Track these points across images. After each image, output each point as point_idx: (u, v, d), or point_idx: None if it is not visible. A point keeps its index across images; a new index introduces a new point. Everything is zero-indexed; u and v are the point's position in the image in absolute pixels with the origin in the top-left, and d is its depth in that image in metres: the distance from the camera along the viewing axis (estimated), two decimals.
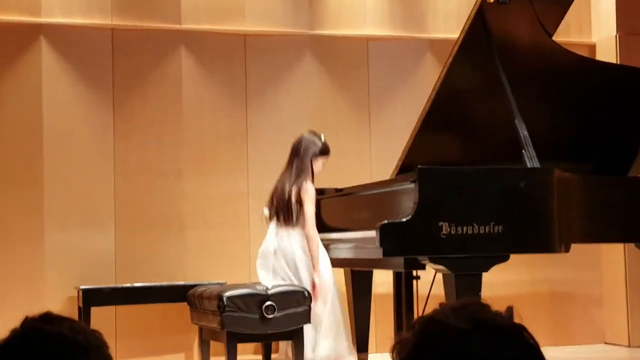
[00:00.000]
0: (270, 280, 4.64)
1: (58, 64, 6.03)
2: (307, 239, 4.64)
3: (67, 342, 1.14)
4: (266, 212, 4.78)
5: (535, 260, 6.44)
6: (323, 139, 4.82)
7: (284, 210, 4.67)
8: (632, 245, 5.78)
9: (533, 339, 1.18)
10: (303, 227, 4.68)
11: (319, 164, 4.81)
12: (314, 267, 4.62)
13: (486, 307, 1.21)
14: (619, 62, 6.42)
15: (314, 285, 4.66)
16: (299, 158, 4.75)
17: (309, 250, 4.66)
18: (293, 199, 4.64)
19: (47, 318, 1.19)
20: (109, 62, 6.11)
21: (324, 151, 4.82)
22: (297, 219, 4.66)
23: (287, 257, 4.67)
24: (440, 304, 1.24)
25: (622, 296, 6.56)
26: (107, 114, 6.09)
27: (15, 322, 1.24)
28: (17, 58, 5.97)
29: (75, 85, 6.05)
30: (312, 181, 4.78)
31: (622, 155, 5.32)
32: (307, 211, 4.63)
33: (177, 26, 6.23)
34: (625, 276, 6.52)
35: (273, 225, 4.75)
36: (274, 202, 4.73)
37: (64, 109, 6.01)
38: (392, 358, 1.19)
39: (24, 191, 5.89)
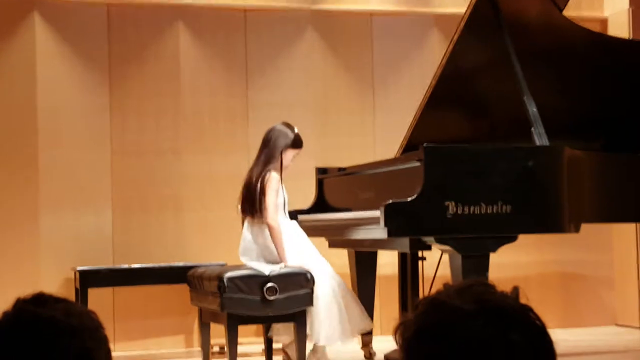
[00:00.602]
0: (264, 265, 4.53)
1: (52, 41, 5.91)
2: (268, 229, 4.51)
3: (59, 327, 1.10)
4: (239, 208, 4.67)
5: (545, 240, 6.35)
6: (296, 131, 4.70)
7: (251, 204, 4.56)
8: None
9: (539, 319, 1.15)
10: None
11: (288, 157, 4.68)
12: (280, 258, 4.51)
13: (491, 287, 1.18)
14: (631, 37, 6.27)
15: None
16: (268, 149, 4.64)
17: (272, 240, 4.53)
18: (258, 190, 4.52)
19: (40, 300, 1.15)
20: (104, 38, 5.99)
21: (296, 144, 4.69)
22: (266, 212, 4.55)
23: (266, 252, 4.57)
24: (444, 285, 1.20)
25: (634, 277, 6.46)
26: (103, 92, 5.97)
27: (10, 304, 1.20)
28: (10, 35, 5.85)
29: (70, 63, 5.93)
30: (281, 173, 4.65)
31: (634, 133, 5.20)
32: (266, 200, 4.51)
33: (175, 1, 6.09)
34: (637, 257, 6.42)
35: (247, 221, 4.65)
36: (244, 196, 4.62)
37: (59, 87, 5.90)
38: (395, 339, 1.17)
39: (18, 172, 5.80)
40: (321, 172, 5.34)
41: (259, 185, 4.55)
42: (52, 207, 5.81)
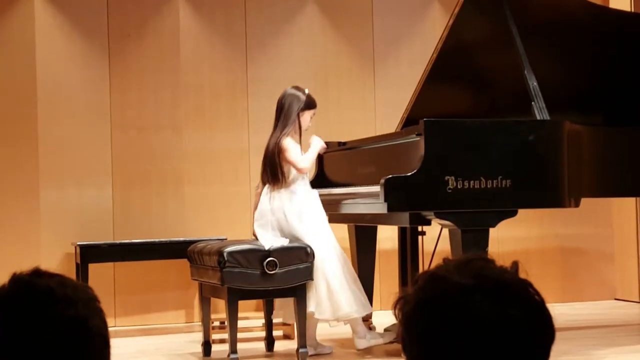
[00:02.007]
0: (269, 237, 4.53)
1: (51, 15, 5.87)
2: (299, 166, 4.55)
3: (55, 295, 1.12)
4: (260, 179, 4.69)
5: (545, 215, 6.36)
6: (307, 92, 4.68)
7: (271, 171, 4.57)
8: None
9: (539, 294, 1.15)
10: (290, 185, 4.57)
11: (306, 118, 4.67)
12: (313, 151, 4.64)
13: (491, 262, 1.17)
14: (633, 10, 6.23)
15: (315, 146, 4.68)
16: (284, 115, 4.62)
17: (313, 161, 4.64)
18: (276, 156, 4.53)
19: (36, 273, 1.17)
20: (104, 13, 5.96)
21: (310, 104, 4.67)
22: (284, 178, 4.55)
23: (278, 215, 4.58)
24: (444, 260, 1.20)
25: (634, 252, 6.47)
26: (103, 68, 5.95)
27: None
28: (10, 9, 5.82)
29: (70, 39, 5.90)
30: (300, 137, 4.65)
31: (635, 107, 5.18)
32: (288, 158, 4.53)
33: None
34: (637, 231, 6.42)
35: (266, 188, 4.65)
36: (265, 163, 4.63)
37: (58, 62, 5.87)
38: (395, 314, 1.17)
39: (18, 148, 5.79)
40: None
41: (276, 151, 4.56)
42: (52, 183, 5.81)
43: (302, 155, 4.62)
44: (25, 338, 1.09)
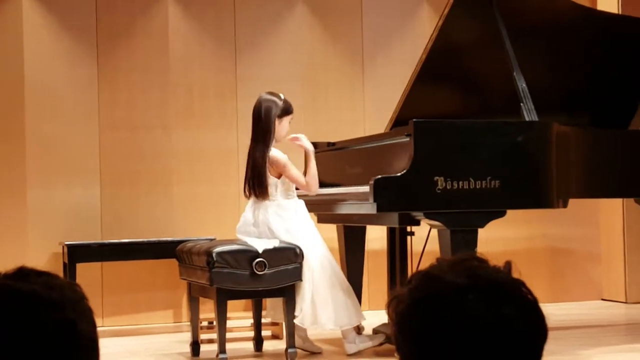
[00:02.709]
0: (255, 240, 4.52)
1: (39, 13, 5.85)
2: (308, 189, 4.55)
3: (41, 301, 1.08)
4: (245, 190, 4.64)
5: (533, 215, 6.38)
6: (283, 97, 4.63)
7: (258, 184, 4.53)
8: (631, 201, 5.70)
9: (531, 294, 1.16)
10: (276, 197, 4.54)
11: (284, 125, 4.62)
12: (312, 163, 4.62)
13: (484, 262, 1.18)
14: (620, 12, 6.26)
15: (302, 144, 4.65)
16: (262, 123, 4.57)
17: (315, 178, 4.60)
18: (266, 170, 4.49)
19: (21, 274, 1.12)
20: (92, 12, 5.94)
21: (287, 110, 4.62)
22: (271, 191, 4.52)
23: (262, 229, 4.56)
24: (438, 259, 1.21)
25: (620, 252, 6.50)
26: (91, 66, 5.93)
27: None
28: None
29: (58, 37, 5.88)
30: (279, 141, 4.62)
31: (623, 108, 5.22)
32: (290, 177, 4.50)
33: None
34: (624, 232, 6.46)
35: (251, 200, 4.62)
36: (249, 175, 4.58)
37: (46, 61, 5.85)
38: (388, 313, 1.18)
39: (5, 146, 5.77)
40: None
41: (266, 165, 4.51)
42: (40, 182, 5.79)
43: (298, 171, 4.59)
44: (11, 346, 1.05)
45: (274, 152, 4.54)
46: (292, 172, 4.52)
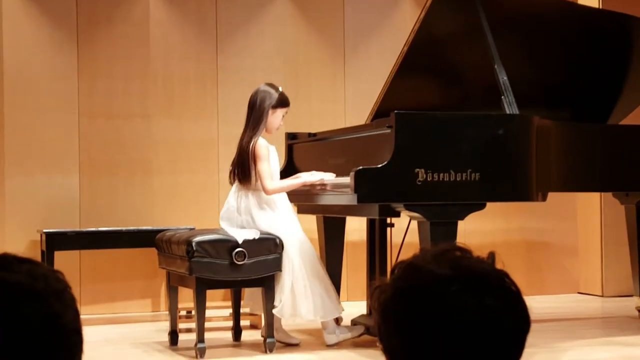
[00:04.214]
0: (237, 230, 4.51)
1: (19, 1, 5.79)
2: (267, 194, 4.50)
3: (25, 292, 1.06)
4: (230, 176, 4.63)
5: (511, 208, 6.42)
6: (280, 90, 4.65)
7: (242, 171, 4.53)
8: (609, 195, 5.75)
9: (515, 285, 1.16)
10: (259, 188, 4.53)
11: (278, 116, 4.63)
12: (296, 184, 4.53)
13: (468, 252, 1.18)
14: (601, 7, 6.29)
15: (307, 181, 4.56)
16: (254, 112, 4.58)
17: (283, 192, 4.55)
18: (249, 157, 4.49)
19: (4, 261, 1.10)
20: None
21: (282, 102, 4.63)
22: (254, 179, 4.51)
23: (245, 217, 4.55)
24: (421, 249, 1.20)
25: (597, 246, 6.55)
26: (71, 54, 5.88)
27: None
28: None
29: (38, 25, 5.83)
30: (271, 132, 4.63)
31: (603, 103, 5.25)
32: (258, 170, 4.48)
33: None
34: (601, 226, 6.50)
35: (235, 186, 4.62)
36: (236, 161, 4.58)
37: (26, 49, 5.80)
38: (371, 303, 1.20)
39: None
40: (291, 137, 5.32)
41: (249, 152, 4.51)
42: (18, 169, 5.74)
43: (273, 174, 4.54)
44: None
45: (259, 141, 4.54)
46: (261, 167, 4.49)
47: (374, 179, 3.98)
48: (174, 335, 4.70)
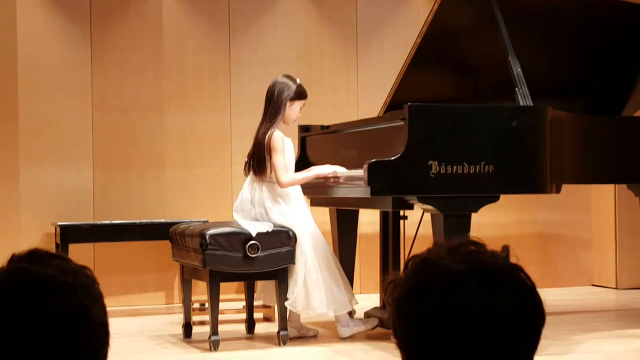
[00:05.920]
0: (250, 223, 4.51)
1: None
2: (279, 184, 4.49)
3: (54, 285, 1.10)
4: (245, 167, 4.62)
5: (524, 201, 6.39)
6: (298, 82, 4.63)
7: (257, 162, 4.52)
8: (622, 187, 5.71)
9: (529, 279, 1.16)
10: (275, 180, 4.53)
11: (295, 109, 4.61)
12: (309, 177, 4.52)
13: (482, 246, 1.17)
14: None
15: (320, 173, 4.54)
16: (272, 104, 4.56)
17: (297, 184, 4.55)
18: (264, 149, 4.48)
19: (35, 256, 1.14)
20: None
21: (300, 94, 4.61)
22: (269, 171, 4.51)
23: (259, 209, 4.55)
24: (435, 243, 1.20)
25: (611, 238, 6.52)
26: (85, 47, 5.90)
27: (4, 260, 1.19)
28: None
29: (52, 17, 5.84)
30: (288, 124, 4.62)
31: (617, 94, 5.22)
32: (274, 163, 4.47)
33: None
34: (615, 218, 6.48)
35: (249, 178, 4.61)
36: (252, 152, 4.57)
37: (40, 42, 5.81)
38: (385, 298, 1.15)
39: None
40: (304, 129, 5.32)
41: (265, 144, 4.50)
42: (32, 162, 5.76)
43: (288, 166, 4.53)
44: (25, 330, 1.07)
45: (275, 133, 4.53)
46: (276, 160, 4.49)
47: (387, 172, 3.97)
48: (187, 327, 4.71)
